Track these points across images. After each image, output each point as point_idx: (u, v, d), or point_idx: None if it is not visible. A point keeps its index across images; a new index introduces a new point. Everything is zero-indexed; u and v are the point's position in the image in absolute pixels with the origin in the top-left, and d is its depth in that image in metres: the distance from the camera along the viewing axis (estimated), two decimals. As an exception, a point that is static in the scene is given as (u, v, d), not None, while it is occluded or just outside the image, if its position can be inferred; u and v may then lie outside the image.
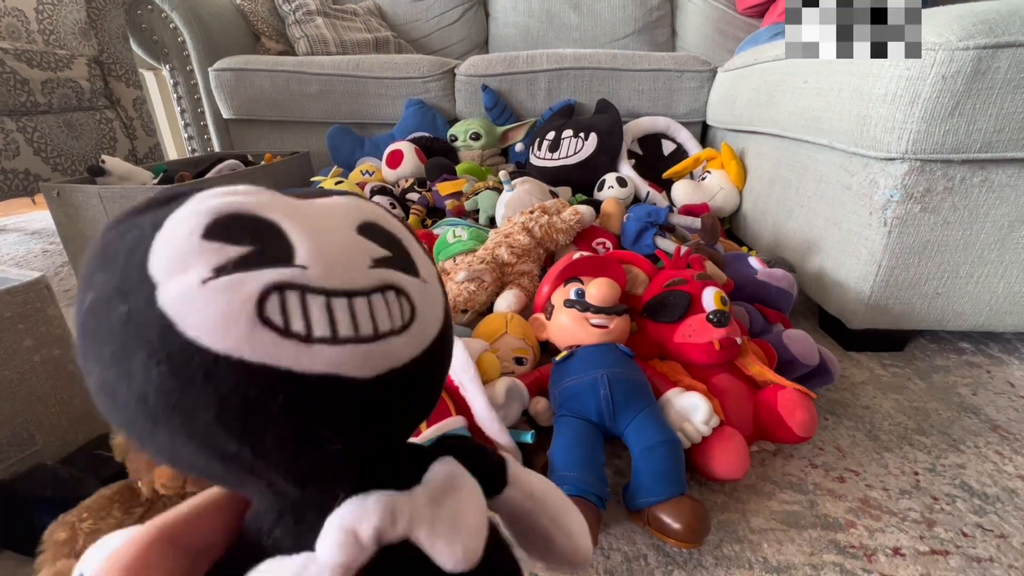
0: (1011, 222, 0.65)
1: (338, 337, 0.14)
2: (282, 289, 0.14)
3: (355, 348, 0.15)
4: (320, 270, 0.15)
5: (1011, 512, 0.50)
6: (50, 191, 0.96)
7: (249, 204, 0.15)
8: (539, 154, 1.24)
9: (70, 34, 1.39)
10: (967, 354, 0.79)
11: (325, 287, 0.15)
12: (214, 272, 0.13)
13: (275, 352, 0.13)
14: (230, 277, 0.14)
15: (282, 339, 0.14)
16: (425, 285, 0.18)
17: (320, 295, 0.15)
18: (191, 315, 0.13)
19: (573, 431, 0.50)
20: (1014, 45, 0.56)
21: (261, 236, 0.15)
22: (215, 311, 0.13)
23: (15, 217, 1.84)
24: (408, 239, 0.19)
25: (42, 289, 0.52)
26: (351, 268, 0.16)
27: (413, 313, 0.17)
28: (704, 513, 0.45)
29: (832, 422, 0.63)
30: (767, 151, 1.00)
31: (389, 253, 0.17)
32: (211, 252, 0.14)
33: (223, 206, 0.15)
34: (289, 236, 0.15)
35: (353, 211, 0.18)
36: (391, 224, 0.19)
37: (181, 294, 0.13)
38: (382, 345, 0.15)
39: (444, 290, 0.20)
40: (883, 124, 0.64)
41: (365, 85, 1.43)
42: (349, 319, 0.15)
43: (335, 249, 0.16)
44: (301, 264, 0.15)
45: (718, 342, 0.55)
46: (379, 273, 0.16)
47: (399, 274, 0.17)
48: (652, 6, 1.69)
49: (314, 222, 0.16)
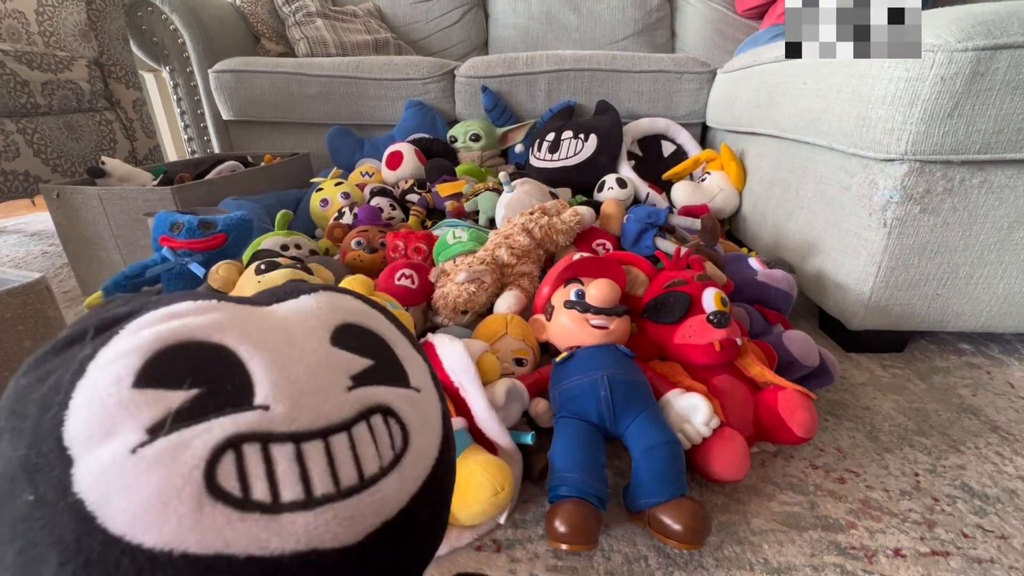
0: (1010, 223, 0.65)
1: (314, 497, 0.11)
2: (238, 444, 0.11)
3: (337, 508, 0.12)
4: (286, 408, 0.12)
5: (1011, 513, 0.50)
6: (50, 192, 0.96)
7: (196, 328, 0.12)
8: (539, 155, 1.24)
9: (70, 36, 1.39)
10: (967, 355, 0.79)
11: (294, 430, 0.12)
12: (147, 434, 0.10)
13: (232, 535, 0.10)
14: (168, 439, 0.10)
15: (241, 514, 0.10)
16: (417, 395, 0.15)
17: (287, 442, 0.11)
18: (116, 501, 0.10)
19: (573, 432, 0.50)
20: (1013, 47, 0.56)
21: (210, 371, 0.12)
22: (148, 492, 0.10)
23: (15, 219, 1.84)
24: (393, 335, 0.15)
25: (42, 290, 0.52)
26: (325, 397, 0.12)
27: (406, 438, 0.14)
28: (705, 514, 0.45)
29: (832, 423, 0.63)
30: (767, 152, 1.01)
31: (371, 362, 0.14)
32: (144, 405, 0.11)
33: (162, 336, 0.11)
34: (246, 365, 0.12)
35: (326, 314, 0.14)
36: (372, 320, 0.15)
37: (103, 471, 0.10)
38: (371, 495, 0.12)
39: (439, 391, 0.17)
40: (882, 125, 0.64)
41: (365, 86, 1.43)
42: (326, 469, 0.12)
43: (303, 374, 0.12)
44: (261, 403, 0.12)
45: (718, 343, 0.55)
46: (360, 395, 0.13)
47: (385, 389, 0.14)
48: (651, 8, 1.70)
49: (277, 340, 0.13)
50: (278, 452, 0.11)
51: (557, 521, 0.43)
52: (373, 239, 0.87)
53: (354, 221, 0.99)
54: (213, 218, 0.75)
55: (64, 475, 0.10)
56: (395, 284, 0.70)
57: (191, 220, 0.73)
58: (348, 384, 0.13)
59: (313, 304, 0.14)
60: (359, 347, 0.14)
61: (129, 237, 0.96)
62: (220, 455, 0.11)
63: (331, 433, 0.12)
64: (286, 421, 0.11)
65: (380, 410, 0.13)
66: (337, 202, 1.07)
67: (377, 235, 0.88)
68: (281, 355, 0.12)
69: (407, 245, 0.83)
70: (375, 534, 0.12)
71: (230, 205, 0.97)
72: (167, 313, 0.12)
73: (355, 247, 0.86)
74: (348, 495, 0.12)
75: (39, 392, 0.11)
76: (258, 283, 0.62)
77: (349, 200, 1.07)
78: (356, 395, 0.13)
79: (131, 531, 0.10)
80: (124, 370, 0.11)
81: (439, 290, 0.71)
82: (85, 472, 0.10)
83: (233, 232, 0.75)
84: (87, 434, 0.10)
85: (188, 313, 0.12)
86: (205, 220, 0.74)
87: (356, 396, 0.13)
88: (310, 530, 0.11)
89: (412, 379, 0.15)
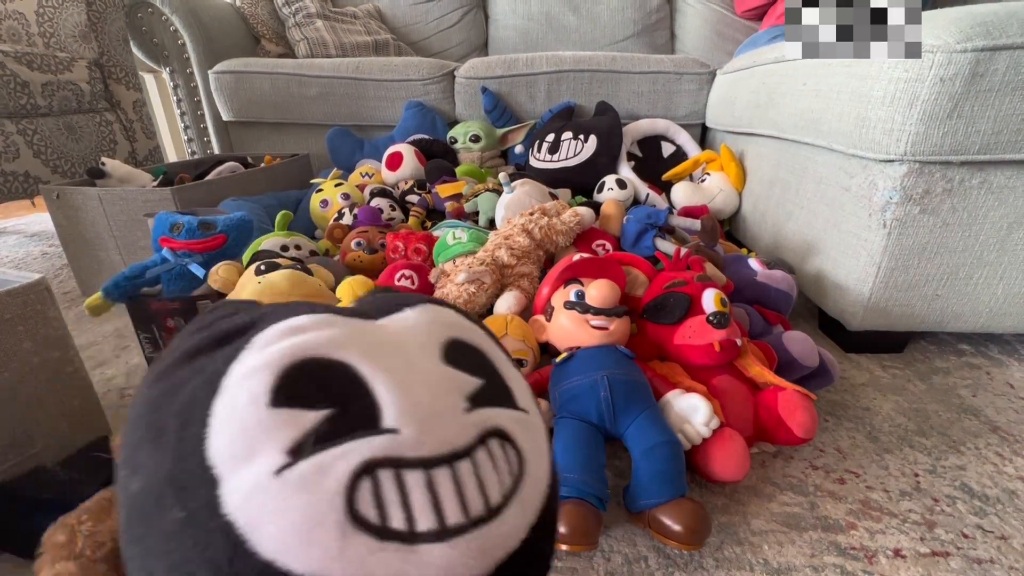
0: (1010, 224, 0.65)
1: (448, 528, 0.11)
2: (373, 469, 0.11)
3: (469, 540, 0.11)
4: (414, 431, 0.11)
5: (1011, 513, 0.50)
6: (50, 193, 0.96)
7: (319, 343, 0.12)
8: (539, 156, 1.24)
9: (70, 37, 1.39)
10: (967, 355, 0.79)
11: (423, 456, 0.11)
12: (289, 456, 0.10)
13: (374, 565, 0.10)
14: (310, 462, 0.10)
15: (382, 544, 0.10)
16: (527, 417, 0.14)
17: (418, 469, 0.11)
18: (266, 524, 0.10)
19: (573, 432, 0.50)
20: (1012, 47, 0.56)
21: (339, 389, 0.11)
22: (295, 517, 0.10)
23: (15, 219, 1.84)
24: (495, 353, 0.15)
25: (42, 291, 0.52)
26: (448, 419, 0.12)
27: (521, 463, 0.13)
28: (705, 515, 0.45)
29: (832, 424, 0.63)
30: (766, 153, 1.01)
31: (482, 381, 0.13)
32: (283, 425, 0.10)
33: (290, 352, 0.11)
34: (369, 385, 0.12)
35: (436, 330, 0.14)
36: (476, 336, 0.14)
37: (251, 493, 0.10)
38: (497, 525, 0.12)
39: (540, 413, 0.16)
40: (882, 126, 0.64)
41: (365, 87, 1.43)
42: (455, 497, 0.11)
43: (425, 396, 0.12)
44: (391, 427, 0.11)
45: (718, 343, 0.55)
46: (478, 417, 0.12)
47: (498, 411, 0.13)
48: (651, 9, 1.70)
49: (395, 357, 0.12)
50: (411, 479, 0.11)
51: (557, 522, 0.43)
52: (373, 240, 0.87)
53: (354, 222, 0.99)
54: (213, 219, 0.75)
55: (212, 495, 0.10)
56: (395, 285, 0.70)
57: (191, 221, 0.73)
58: (466, 406, 0.13)
59: (420, 319, 0.14)
60: (468, 365, 0.13)
61: (129, 238, 0.96)
62: (358, 480, 0.10)
63: (456, 459, 0.12)
64: (415, 446, 0.11)
65: (496, 434, 0.13)
66: (337, 203, 1.07)
67: (377, 236, 0.88)
68: (401, 375, 0.12)
69: (407, 246, 0.83)
70: (502, 567, 0.11)
71: (230, 206, 0.97)
72: (289, 327, 0.12)
73: (355, 248, 0.86)
74: (477, 525, 0.11)
75: (174, 406, 0.11)
76: (258, 284, 0.62)
77: (349, 201, 1.07)
78: (474, 418, 0.12)
79: (281, 556, 0.09)
80: (259, 387, 0.11)
81: (439, 291, 0.71)
82: (233, 493, 0.10)
83: (233, 233, 0.75)
84: (230, 453, 0.10)
85: (310, 328, 0.12)
86: (205, 221, 0.74)
87: (475, 419, 0.12)
88: (446, 562, 0.11)
89: (519, 400, 0.14)
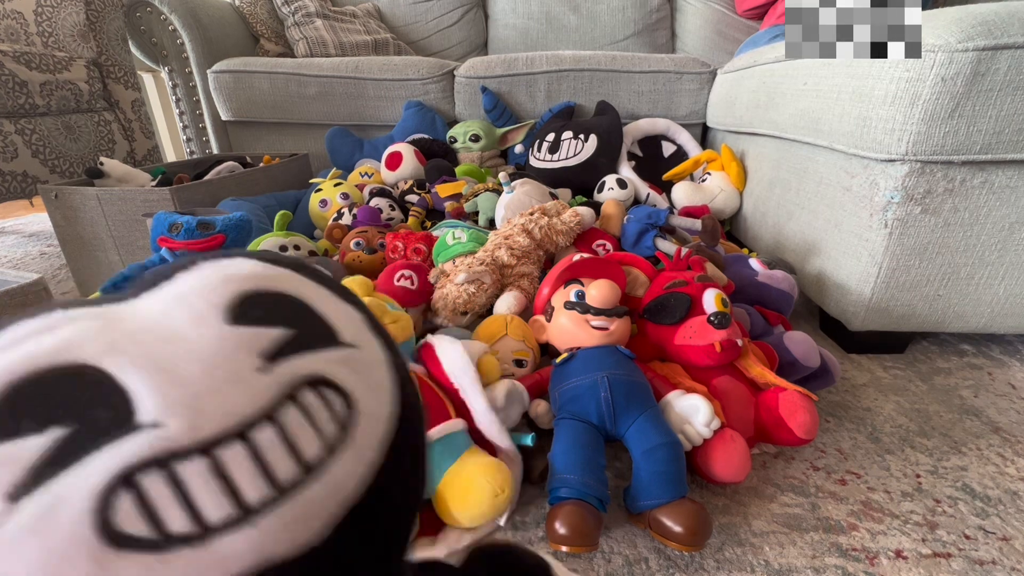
0: (1011, 224, 0.65)
1: (249, 508, 0.10)
2: (131, 477, 0.09)
3: (283, 511, 0.10)
4: (184, 418, 0.10)
5: (1013, 514, 0.50)
6: (48, 193, 0.96)
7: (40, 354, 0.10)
8: (539, 156, 1.24)
9: (69, 36, 1.38)
10: (968, 356, 0.78)
11: (201, 439, 0.10)
12: (8, 502, 0.08)
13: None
14: (35, 499, 0.08)
15: (162, 556, 0.09)
16: (353, 352, 0.12)
17: (198, 457, 0.09)
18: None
19: (574, 433, 0.50)
20: (1013, 47, 0.56)
21: (75, 400, 0.09)
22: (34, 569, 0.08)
23: (13, 219, 1.84)
24: (311, 291, 0.13)
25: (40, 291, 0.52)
26: (232, 388, 0.10)
27: (350, 405, 0.11)
28: (705, 516, 0.45)
29: (833, 424, 0.63)
30: (767, 153, 1.00)
31: (288, 330, 0.12)
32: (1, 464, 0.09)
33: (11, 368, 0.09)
34: (118, 382, 0.10)
35: (218, 289, 0.12)
36: (279, 281, 0.13)
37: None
38: (322, 482, 0.10)
39: (385, 340, 0.14)
40: (883, 126, 0.63)
41: (364, 87, 1.42)
42: (254, 471, 0.10)
43: (197, 371, 0.10)
44: (150, 422, 0.09)
45: (719, 344, 0.54)
46: (280, 372, 0.11)
47: (312, 357, 0.12)
48: (651, 8, 1.70)
49: (153, 338, 0.10)
50: (189, 471, 0.09)
51: (557, 523, 0.43)
52: (372, 240, 0.87)
53: (353, 222, 0.99)
54: (212, 219, 0.75)
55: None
56: (394, 285, 0.70)
57: (190, 221, 0.73)
58: (258, 365, 0.11)
59: (196, 283, 0.12)
60: (267, 317, 0.12)
61: (127, 238, 0.96)
62: (110, 497, 0.09)
63: (251, 428, 0.10)
64: (188, 433, 0.10)
65: (309, 382, 0.11)
66: (336, 203, 1.07)
67: (376, 236, 0.87)
68: (161, 357, 0.10)
69: (406, 246, 0.83)
70: (344, 524, 0.10)
71: (229, 206, 0.97)
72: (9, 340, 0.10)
73: (354, 248, 0.85)
74: (291, 491, 0.10)
75: None
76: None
77: (348, 201, 1.07)
78: (274, 375, 0.11)
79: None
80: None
81: (439, 291, 0.71)
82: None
83: (232, 233, 0.75)
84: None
85: (26, 337, 0.10)
86: (204, 221, 0.74)
87: (274, 376, 0.11)
88: (256, 545, 0.09)
89: (343, 335, 0.12)
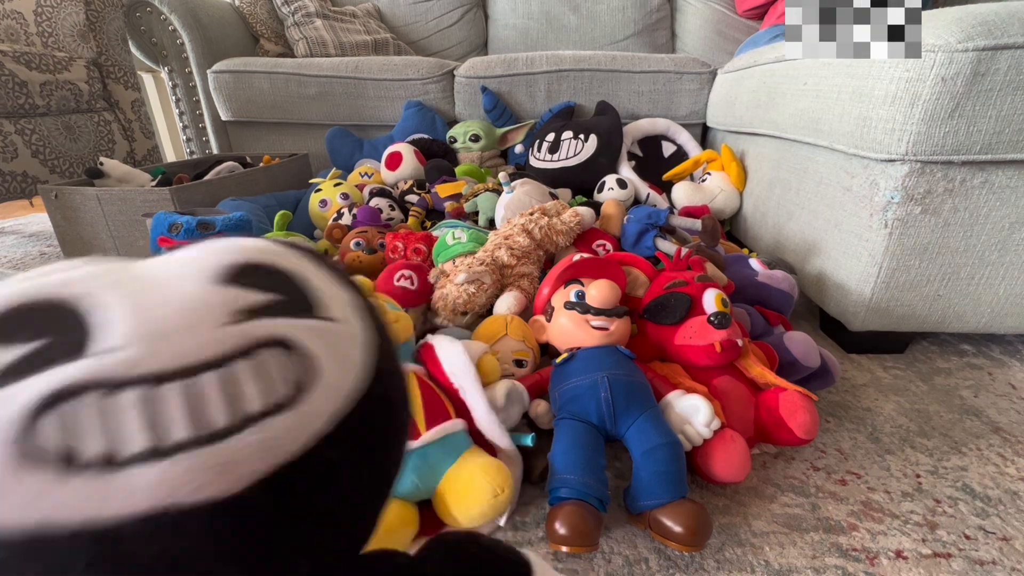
0: (1011, 224, 0.65)
1: (165, 446, 0.10)
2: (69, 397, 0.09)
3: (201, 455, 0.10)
4: (138, 349, 0.10)
5: (1013, 515, 0.50)
6: (48, 193, 0.96)
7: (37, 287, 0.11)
8: (539, 156, 1.24)
9: (69, 36, 1.38)
10: (968, 356, 0.78)
11: (146, 372, 0.10)
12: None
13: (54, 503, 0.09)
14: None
15: (64, 478, 0.09)
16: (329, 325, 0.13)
17: (137, 387, 0.10)
18: None
19: (573, 433, 0.50)
20: (1013, 47, 0.56)
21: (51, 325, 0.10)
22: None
23: (13, 220, 1.84)
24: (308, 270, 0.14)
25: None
26: (194, 333, 0.11)
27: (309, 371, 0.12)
28: (705, 516, 0.45)
29: (833, 424, 0.63)
30: (767, 153, 1.00)
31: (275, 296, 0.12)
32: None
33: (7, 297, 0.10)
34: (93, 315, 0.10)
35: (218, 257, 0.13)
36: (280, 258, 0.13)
37: None
38: (251, 436, 0.10)
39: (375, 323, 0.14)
40: (883, 126, 0.63)
41: (364, 87, 1.42)
42: (185, 412, 0.10)
43: (170, 314, 0.11)
44: (110, 346, 0.10)
45: (719, 344, 0.54)
46: (247, 328, 0.11)
47: (287, 322, 0.12)
48: (651, 8, 1.70)
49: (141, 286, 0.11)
50: (124, 400, 0.10)
51: (557, 523, 0.43)
52: (372, 240, 0.87)
53: (353, 222, 0.99)
54: (212, 219, 0.75)
55: None
56: (394, 285, 0.70)
57: (189, 221, 0.73)
58: (227, 320, 0.11)
59: (200, 251, 0.13)
60: (255, 284, 0.12)
61: (127, 238, 0.96)
62: (43, 413, 0.09)
63: (198, 372, 0.10)
64: (136, 364, 0.10)
65: (274, 343, 0.12)
66: (336, 203, 1.07)
67: (376, 236, 0.87)
68: (142, 300, 0.11)
69: (406, 246, 0.83)
70: (265, 481, 0.10)
71: (229, 206, 0.97)
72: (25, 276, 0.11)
73: (354, 248, 0.85)
74: (217, 439, 0.10)
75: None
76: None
77: (348, 201, 1.07)
78: (240, 328, 0.11)
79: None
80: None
81: (438, 291, 0.71)
82: None
83: (232, 233, 0.75)
84: None
85: (35, 276, 0.11)
86: (204, 221, 0.74)
87: (240, 329, 0.11)
88: (163, 484, 0.09)
89: (325, 310, 0.13)
